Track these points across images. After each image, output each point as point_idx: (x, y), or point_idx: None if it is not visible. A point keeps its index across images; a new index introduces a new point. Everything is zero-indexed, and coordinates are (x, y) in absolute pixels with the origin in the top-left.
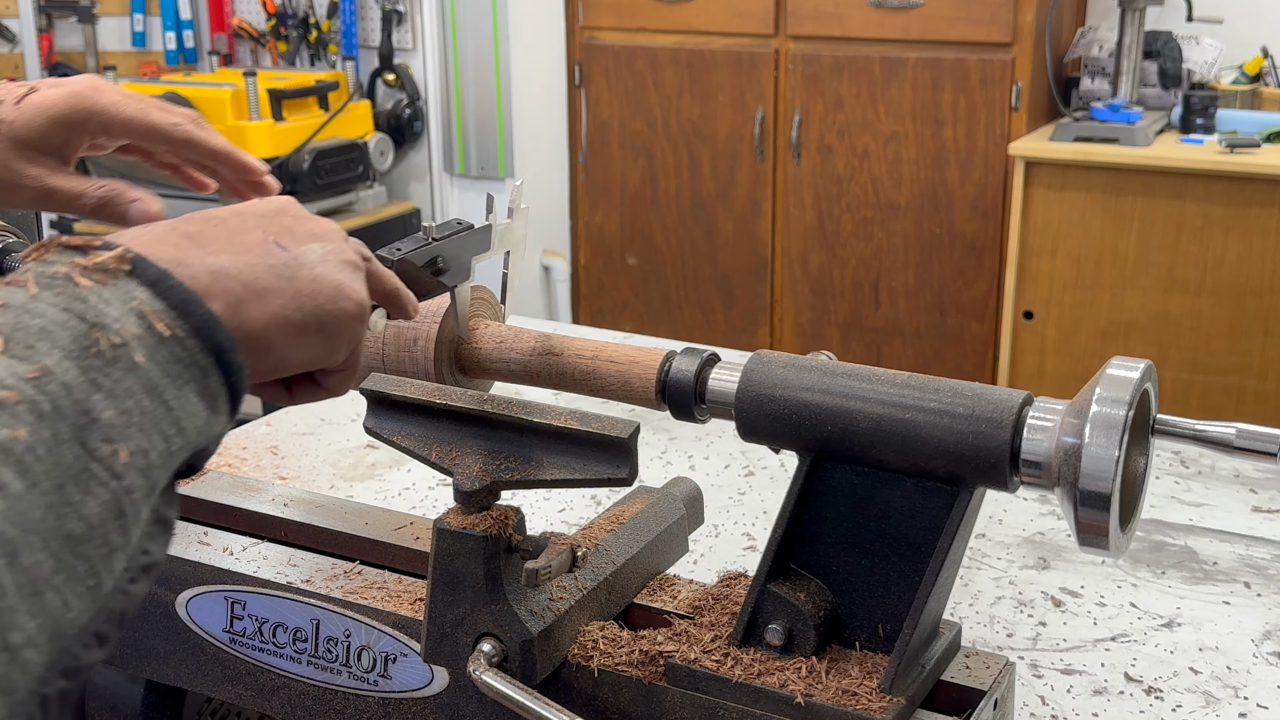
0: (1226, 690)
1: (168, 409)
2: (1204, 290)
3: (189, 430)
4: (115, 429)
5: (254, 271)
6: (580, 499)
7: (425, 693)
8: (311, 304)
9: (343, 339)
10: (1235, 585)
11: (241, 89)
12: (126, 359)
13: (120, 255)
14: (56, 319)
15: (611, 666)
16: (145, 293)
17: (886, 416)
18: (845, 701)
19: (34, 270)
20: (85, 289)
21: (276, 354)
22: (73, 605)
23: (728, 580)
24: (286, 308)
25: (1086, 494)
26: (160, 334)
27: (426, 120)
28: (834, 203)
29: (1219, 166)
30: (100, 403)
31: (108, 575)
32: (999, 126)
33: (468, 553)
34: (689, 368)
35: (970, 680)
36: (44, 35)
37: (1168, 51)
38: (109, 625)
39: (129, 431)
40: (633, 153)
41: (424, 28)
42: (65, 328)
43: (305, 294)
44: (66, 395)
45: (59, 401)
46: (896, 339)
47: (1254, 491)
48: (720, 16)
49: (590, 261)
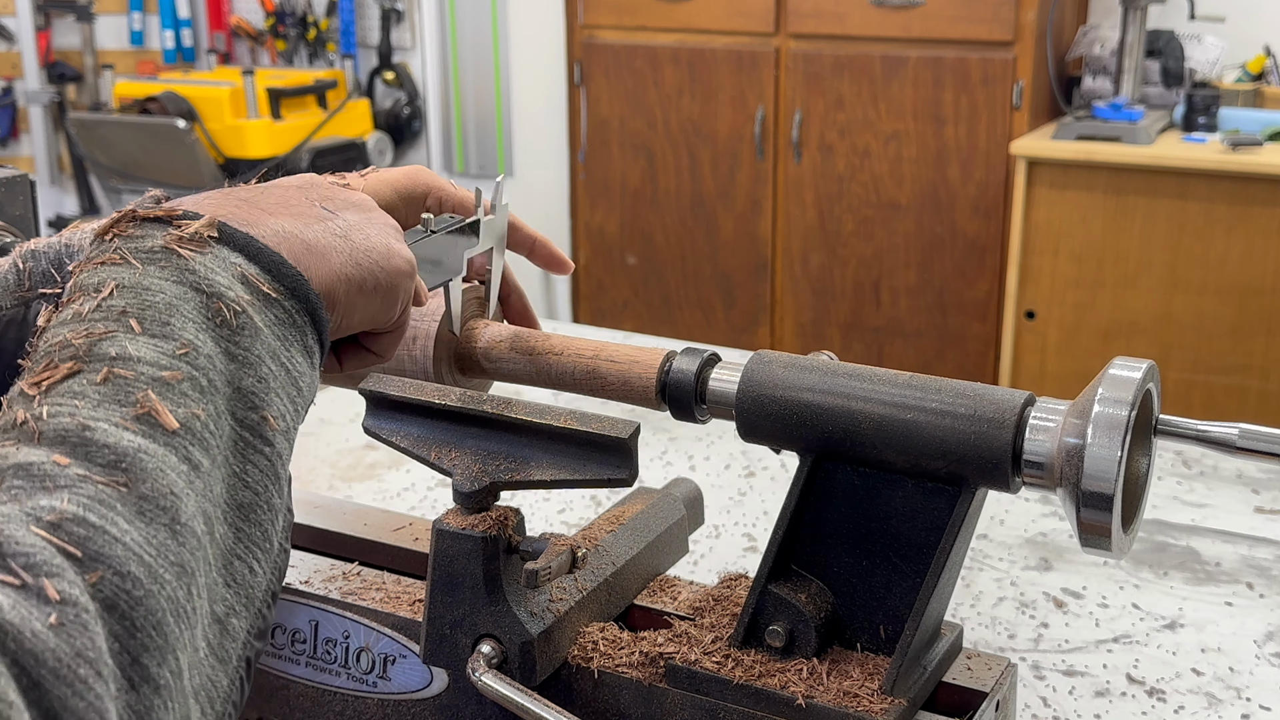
0: (1229, 691)
1: (287, 371)
2: (1206, 290)
3: (304, 389)
4: (258, 396)
5: (312, 232)
6: (580, 499)
7: (424, 694)
8: (367, 260)
9: (397, 296)
10: (1238, 586)
11: (240, 88)
12: (250, 325)
13: (210, 222)
14: (176, 293)
15: (611, 668)
16: (239, 257)
17: (888, 417)
18: (846, 703)
19: (125, 246)
20: (188, 259)
21: (340, 310)
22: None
23: (728, 581)
24: (346, 265)
25: (1089, 494)
26: (266, 295)
27: (426, 119)
28: (835, 202)
29: (1222, 166)
30: (240, 372)
31: (275, 536)
32: (1000, 125)
33: (467, 554)
34: (689, 368)
35: (972, 682)
36: (42, 34)
37: (1170, 50)
38: (278, 583)
39: (269, 398)
40: (633, 152)
41: (423, 26)
42: (188, 301)
43: (361, 251)
44: (214, 368)
45: (211, 376)
46: (898, 339)
47: (1256, 492)
48: (720, 15)
49: (590, 261)
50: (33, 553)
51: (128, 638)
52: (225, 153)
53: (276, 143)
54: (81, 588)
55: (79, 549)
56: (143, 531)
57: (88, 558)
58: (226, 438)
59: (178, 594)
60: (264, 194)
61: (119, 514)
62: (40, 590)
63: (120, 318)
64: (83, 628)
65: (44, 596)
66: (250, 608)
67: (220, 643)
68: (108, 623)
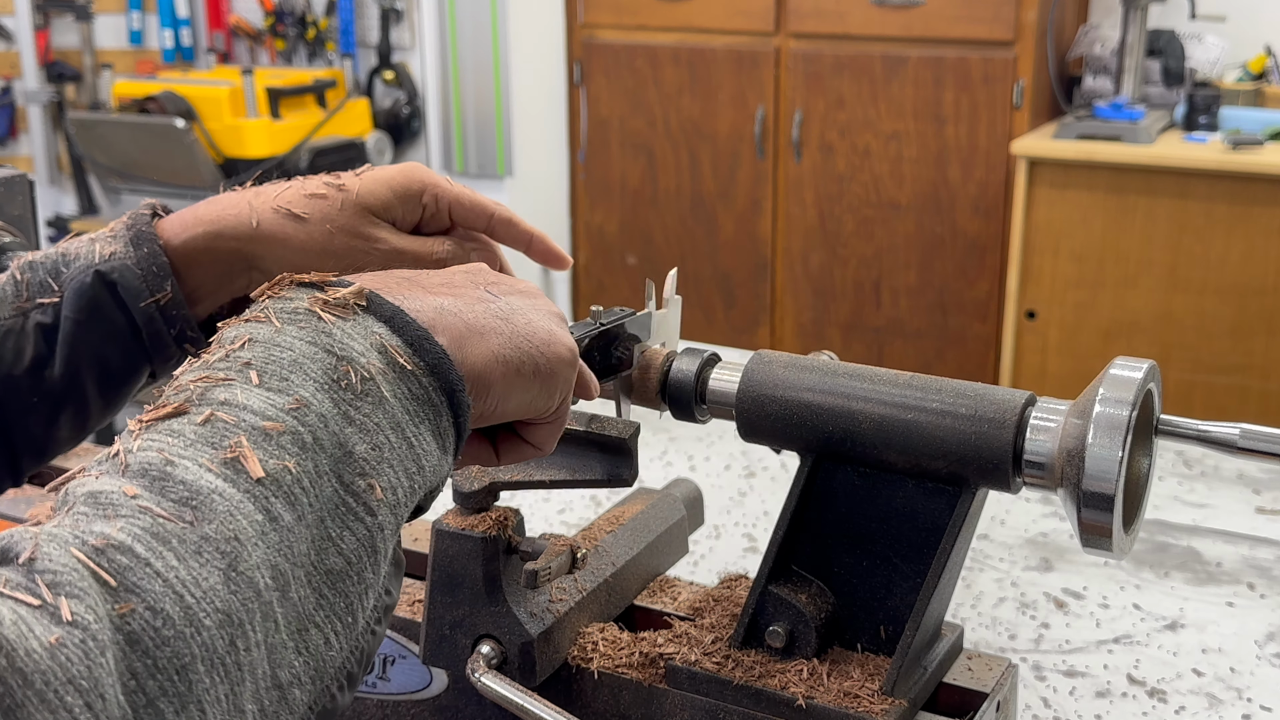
0: (1230, 692)
1: (410, 446)
2: (1207, 290)
3: (427, 469)
4: (369, 464)
5: (473, 312)
6: (580, 500)
7: (424, 695)
8: (528, 345)
9: (556, 384)
10: (1239, 586)
11: (239, 87)
12: (375, 393)
13: (358, 291)
14: (305, 352)
15: (611, 668)
16: (383, 328)
17: (888, 417)
18: (847, 704)
19: (273, 306)
20: (329, 323)
21: (496, 394)
22: (333, 643)
23: (728, 582)
24: (505, 347)
25: (1089, 495)
26: (402, 367)
27: (425, 119)
28: (835, 202)
29: (1222, 165)
30: (354, 436)
31: (361, 612)
32: (1001, 125)
33: (467, 554)
34: (689, 368)
35: (972, 682)
36: (40, 33)
37: (1171, 49)
38: (358, 666)
39: (381, 467)
40: (633, 151)
41: (423, 25)
42: (315, 360)
43: (521, 335)
44: (324, 428)
45: (318, 434)
46: (898, 339)
47: (1257, 492)
48: (721, 14)
49: (590, 261)
50: (60, 572)
51: (146, 676)
52: (224, 152)
53: (276, 142)
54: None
55: (115, 578)
56: (194, 572)
57: (123, 588)
58: (325, 499)
59: (216, 643)
60: (430, 276)
61: (172, 550)
62: (55, 610)
63: (243, 369)
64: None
65: (57, 616)
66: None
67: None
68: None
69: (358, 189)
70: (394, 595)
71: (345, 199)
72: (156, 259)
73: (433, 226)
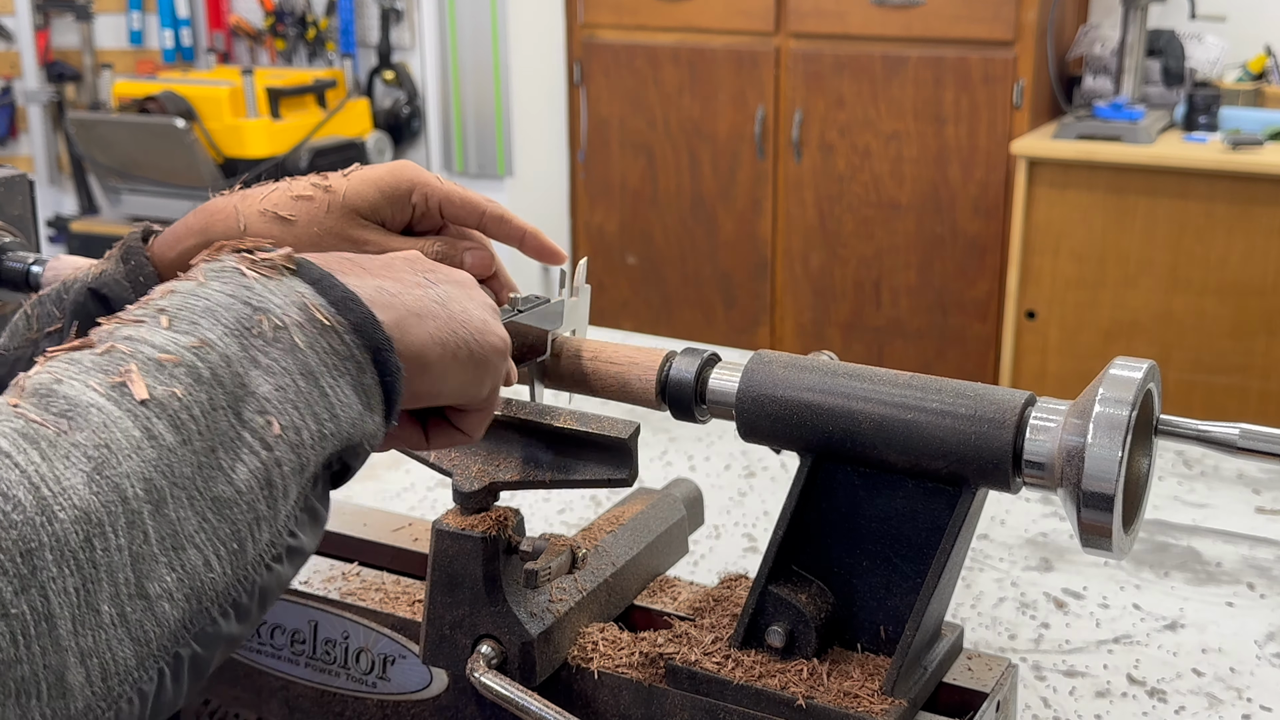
0: (1230, 692)
1: (322, 393)
2: (1207, 290)
3: (342, 419)
4: (271, 403)
5: (411, 295)
6: (580, 500)
7: (424, 695)
8: (464, 331)
9: (488, 372)
10: (1239, 586)
11: (239, 87)
12: (286, 341)
13: (287, 255)
14: (221, 301)
15: (611, 668)
16: (307, 288)
17: (888, 417)
18: (847, 704)
19: (204, 267)
20: (252, 279)
21: (433, 376)
22: (215, 567)
23: (728, 582)
24: (442, 331)
25: (1089, 495)
26: (321, 323)
27: (425, 119)
28: (835, 202)
29: (1222, 165)
30: (258, 377)
31: (251, 543)
32: (1001, 125)
33: (467, 554)
34: (689, 368)
35: (972, 682)
36: (40, 33)
37: (1171, 50)
38: (250, 599)
39: (284, 407)
40: (633, 151)
41: (423, 25)
42: (229, 309)
43: (458, 321)
44: (226, 366)
45: (217, 371)
46: (898, 339)
47: (1257, 492)
48: (721, 14)
49: (590, 261)
50: None
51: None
52: (224, 152)
53: (276, 142)
54: None
55: None
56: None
57: None
58: (219, 429)
59: (69, 536)
60: (370, 260)
61: (38, 449)
62: None
63: (156, 315)
64: None
65: None
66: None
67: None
68: None
69: (345, 190)
70: (301, 541)
71: (332, 201)
72: (143, 269)
73: (424, 225)
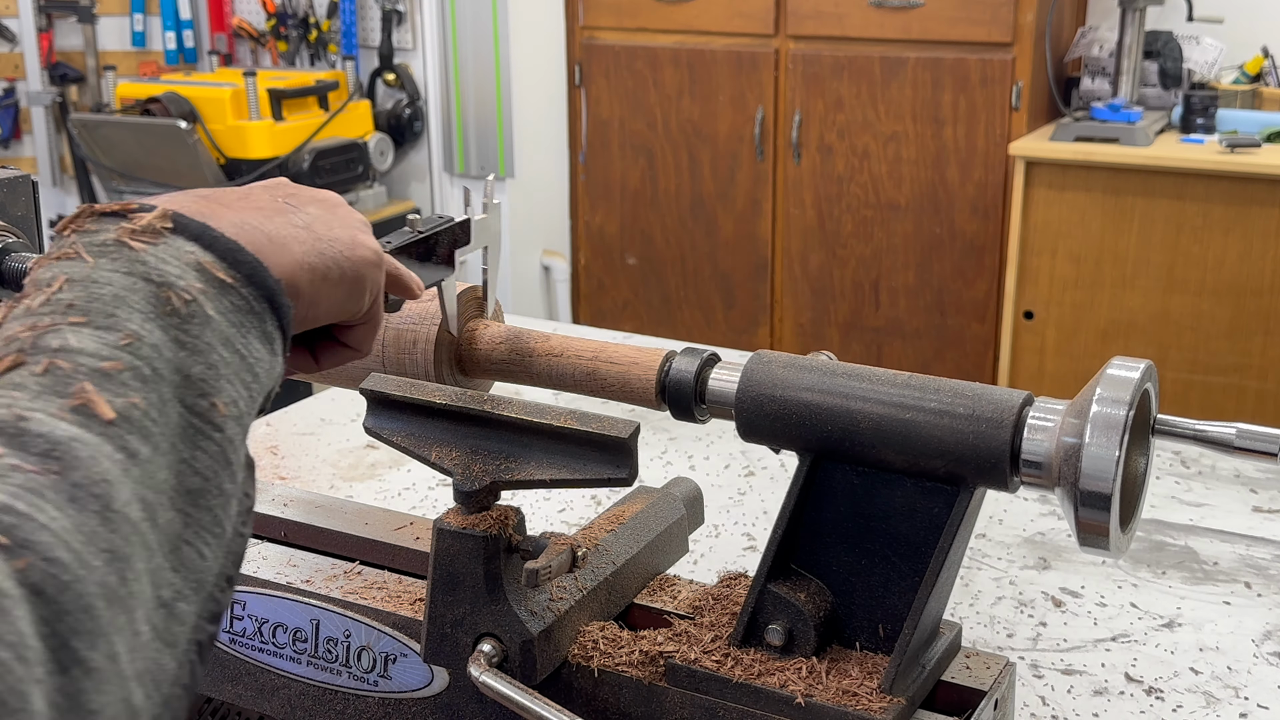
0: (1227, 690)
1: (241, 358)
2: (1204, 290)
3: (261, 375)
4: (207, 383)
5: (273, 224)
6: (580, 499)
7: (425, 693)
8: (331, 250)
9: (364, 286)
10: (1236, 585)
11: (241, 89)
12: (201, 314)
13: (162, 214)
14: (124, 284)
15: (612, 667)
16: (194, 246)
17: (887, 417)
18: (845, 702)
19: (81, 241)
20: (140, 251)
21: (305, 300)
22: (207, 555)
23: (728, 580)
24: (309, 255)
25: (1087, 494)
26: (221, 282)
27: (426, 120)
28: (834, 203)
29: (1219, 166)
30: (188, 360)
31: (227, 521)
32: (999, 126)
33: (468, 553)
34: (689, 368)
35: (970, 681)
36: (44, 35)
37: (1168, 51)
38: (234, 567)
39: (219, 384)
40: (633, 153)
41: (424, 27)
42: (136, 291)
43: (324, 241)
44: (159, 357)
45: (155, 365)
46: (897, 339)
47: (1254, 492)
48: (720, 16)
49: (590, 261)
50: None
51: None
52: (227, 154)
53: (278, 144)
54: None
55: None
56: (73, 518)
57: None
58: (173, 425)
59: (109, 579)
60: (227, 193)
61: (49, 501)
62: None
63: (66, 311)
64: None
65: None
66: (200, 592)
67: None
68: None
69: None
70: (252, 496)
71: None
72: None
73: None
